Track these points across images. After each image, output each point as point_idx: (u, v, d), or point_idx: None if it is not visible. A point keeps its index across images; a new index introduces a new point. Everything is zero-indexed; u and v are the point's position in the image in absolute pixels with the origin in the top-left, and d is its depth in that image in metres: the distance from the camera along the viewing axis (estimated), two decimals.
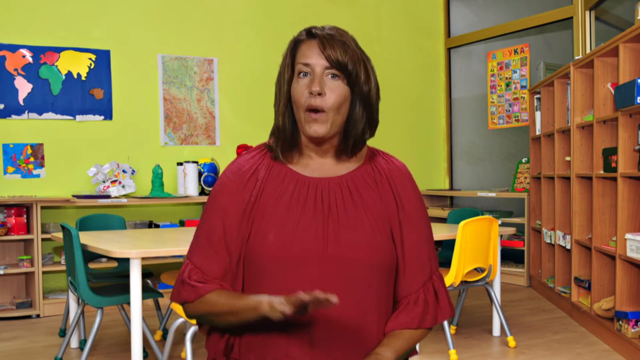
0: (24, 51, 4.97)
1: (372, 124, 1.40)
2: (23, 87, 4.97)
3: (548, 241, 5.05)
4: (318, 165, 1.39)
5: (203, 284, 1.34)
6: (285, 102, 1.35)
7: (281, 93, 1.36)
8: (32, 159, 4.99)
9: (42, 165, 5.02)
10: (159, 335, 3.94)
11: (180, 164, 5.38)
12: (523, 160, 5.98)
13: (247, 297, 1.28)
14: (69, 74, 5.12)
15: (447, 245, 4.24)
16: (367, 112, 1.38)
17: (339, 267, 1.30)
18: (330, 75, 1.32)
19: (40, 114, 5.02)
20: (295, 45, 1.36)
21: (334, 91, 1.31)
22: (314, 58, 1.31)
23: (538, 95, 5.40)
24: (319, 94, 1.30)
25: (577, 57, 4.48)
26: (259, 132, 5.65)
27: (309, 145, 1.38)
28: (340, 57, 1.31)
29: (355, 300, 1.31)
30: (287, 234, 1.31)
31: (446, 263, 3.65)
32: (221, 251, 1.35)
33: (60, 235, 3.64)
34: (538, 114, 5.40)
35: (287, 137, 1.37)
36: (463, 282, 3.60)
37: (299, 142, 1.39)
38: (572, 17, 5.46)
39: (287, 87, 1.35)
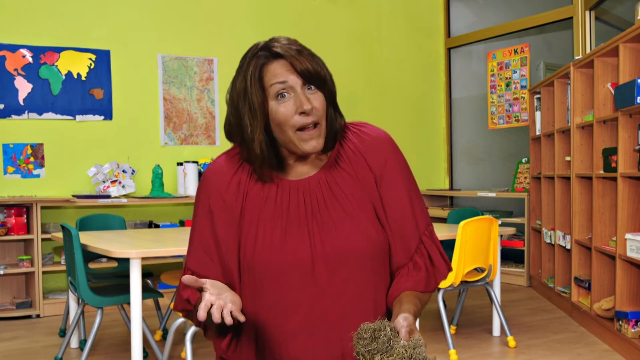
0: (24, 51, 4.97)
1: (338, 116, 1.40)
2: (23, 87, 4.97)
3: (548, 241, 5.05)
4: (296, 168, 1.39)
5: (194, 294, 1.35)
6: (261, 128, 1.32)
7: (254, 118, 1.31)
8: (32, 159, 4.99)
9: (42, 165, 5.02)
10: (159, 335, 3.94)
11: (180, 164, 5.38)
12: (523, 160, 5.98)
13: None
14: (69, 74, 5.12)
15: (447, 245, 4.23)
16: (335, 108, 1.39)
17: (330, 267, 1.32)
18: (307, 89, 1.31)
19: (40, 114, 5.02)
20: (260, 68, 1.31)
21: (318, 103, 1.32)
22: (289, 77, 1.29)
23: (538, 95, 5.40)
24: (311, 110, 1.29)
25: (577, 57, 4.48)
26: None
27: (291, 156, 1.38)
28: (313, 69, 1.30)
29: (351, 293, 1.33)
30: (275, 243, 1.32)
31: None
32: (214, 256, 1.37)
33: (60, 235, 3.64)
34: (538, 114, 5.40)
35: (266, 161, 1.35)
36: (463, 282, 3.60)
37: (282, 159, 1.37)
38: (572, 17, 5.46)
39: (260, 113, 1.31)
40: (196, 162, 5.33)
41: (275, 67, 1.30)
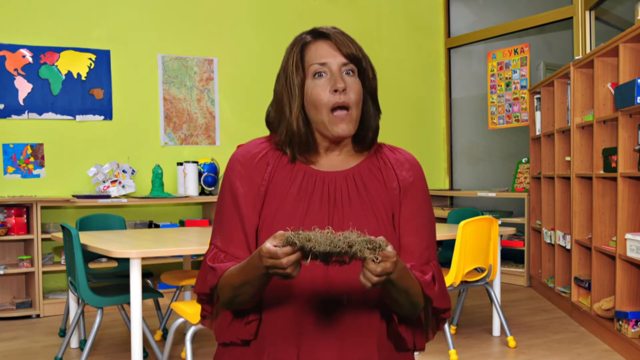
0: (24, 51, 4.97)
1: (379, 117, 1.43)
2: (23, 87, 4.97)
3: (548, 241, 5.05)
4: (326, 160, 1.40)
5: (224, 264, 1.33)
6: (299, 106, 1.34)
7: (293, 97, 1.34)
8: (32, 159, 4.99)
9: (42, 165, 5.02)
10: (159, 335, 3.94)
11: (180, 164, 5.38)
12: (523, 160, 5.98)
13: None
14: (69, 74, 5.12)
15: (447, 245, 4.24)
16: (375, 106, 1.41)
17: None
18: (345, 72, 1.33)
19: (40, 114, 5.02)
20: (302, 48, 1.36)
21: (353, 87, 1.34)
22: (329, 57, 1.33)
23: (538, 95, 5.40)
24: (344, 90, 1.31)
25: (577, 57, 4.48)
26: (259, 132, 5.61)
27: (323, 143, 1.39)
28: (355, 52, 1.33)
29: (360, 289, 1.32)
30: (294, 226, 1.33)
31: (446, 263, 3.65)
32: (240, 236, 1.37)
33: (60, 235, 3.64)
34: (538, 114, 5.40)
35: (302, 141, 1.36)
36: (463, 282, 3.60)
37: (314, 142, 1.39)
38: (572, 17, 5.46)
39: (298, 91, 1.34)
40: (196, 162, 5.33)
41: (317, 47, 1.34)
